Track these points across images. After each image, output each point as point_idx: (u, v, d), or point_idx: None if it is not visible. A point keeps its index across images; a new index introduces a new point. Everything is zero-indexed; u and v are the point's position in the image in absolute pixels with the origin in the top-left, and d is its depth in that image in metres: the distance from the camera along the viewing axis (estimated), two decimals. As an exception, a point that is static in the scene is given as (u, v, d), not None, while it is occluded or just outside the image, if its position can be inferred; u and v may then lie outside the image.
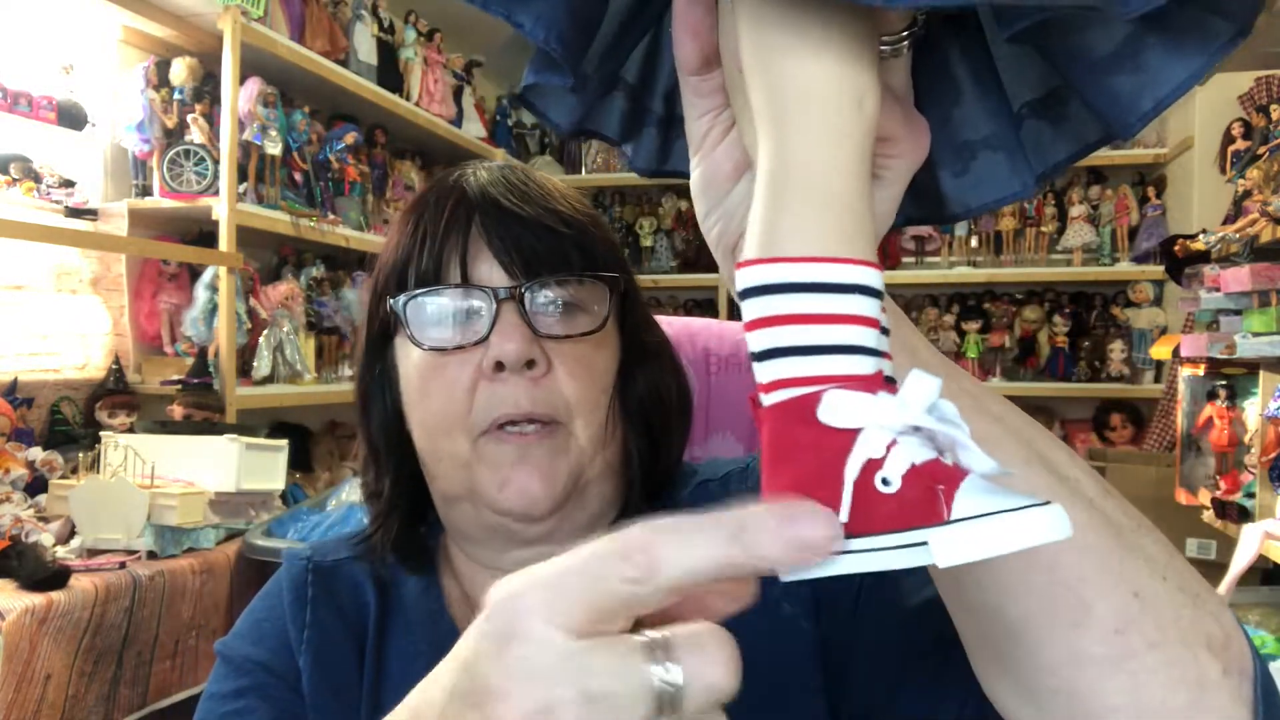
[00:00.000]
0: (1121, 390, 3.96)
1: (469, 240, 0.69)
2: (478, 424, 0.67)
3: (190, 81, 2.54)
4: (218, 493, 2.00)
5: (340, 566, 0.76)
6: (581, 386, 0.68)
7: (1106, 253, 4.13)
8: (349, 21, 3.16)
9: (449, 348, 0.68)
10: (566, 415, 0.68)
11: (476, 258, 0.69)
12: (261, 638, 0.73)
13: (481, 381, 0.67)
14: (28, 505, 1.94)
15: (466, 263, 0.68)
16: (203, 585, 1.87)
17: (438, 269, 0.69)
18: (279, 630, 0.73)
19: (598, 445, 0.69)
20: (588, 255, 0.70)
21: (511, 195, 0.70)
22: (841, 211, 0.35)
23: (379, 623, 0.73)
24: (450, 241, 0.69)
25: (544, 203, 0.70)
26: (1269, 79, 2.64)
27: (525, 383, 0.66)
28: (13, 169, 2.24)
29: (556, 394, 0.67)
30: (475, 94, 4.13)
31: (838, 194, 0.35)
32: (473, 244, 0.69)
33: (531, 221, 0.69)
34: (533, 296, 0.68)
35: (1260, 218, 2.00)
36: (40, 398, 2.31)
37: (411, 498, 0.75)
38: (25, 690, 1.50)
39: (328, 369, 3.04)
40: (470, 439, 0.67)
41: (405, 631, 0.72)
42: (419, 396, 0.70)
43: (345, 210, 3.14)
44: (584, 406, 0.68)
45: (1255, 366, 2.05)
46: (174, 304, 2.59)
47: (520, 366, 0.66)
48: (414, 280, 0.69)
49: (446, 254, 0.69)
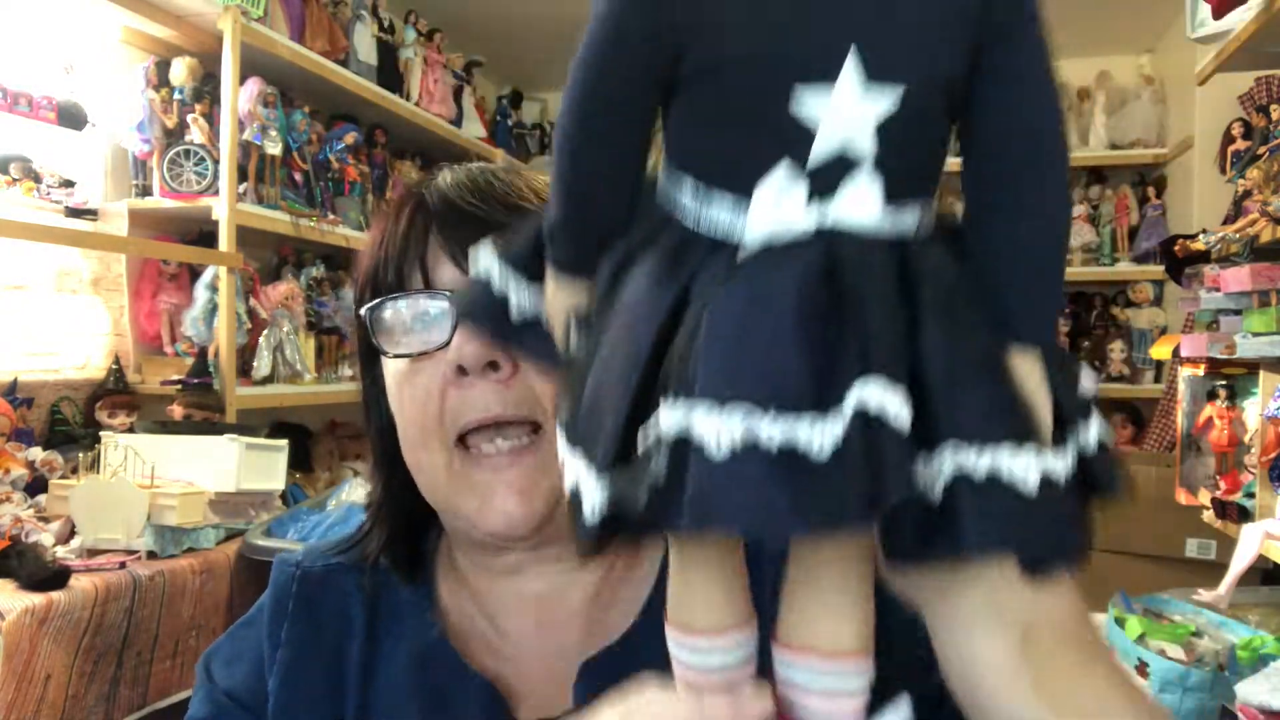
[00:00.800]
0: (1121, 390, 3.96)
1: (427, 246, 0.69)
2: (450, 431, 0.67)
3: (190, 81, 2.54)
4: (218, 493, 2.00)
5: (329, 575, 0.76)
6: None
7: (1106, 253, 4.13)
8: (349, 21, 3.16)
9: (413, 354, 0.68)
10: (543, 415, 0.67)
11: (436, 263, 0.69)
12: (238, 656, 0.74)
13: (450, 388, 0.67)
14: (28, 505, 1.94)
15: (426, 268, 0.69)
16: (203, 585, 1.87)
17: (399, 277, 0.69)
18: (254, 648, 0.74)
19: None
20: None
21: (472, 196, 0.70)
22: None
23: (366, 632, 0.73)
24: (410, 248, 0.69)
25: (506, 200, 0.70)
26: (1269, 79, 2.64)
27: (493, 385, 0.66)
28: (13, 169, 2.24)
29: (528, 393, 0.66)
30: (475, 94, 4.13)
31: None
32: (430, 250, 0.69)
33: (493, 222, 0.68)
34: None
35: (1260, 218, 2.00)
36: (40, 398, 2.31)
37: (406, 505, 0.75)
38: (25, 690, 1.50)
39: (328, 369, 3.04)
40: (446, 449, 0.67)
41: (393, 640, 0.72)
42: (398, 406, 0.70)
43: (345, 210, 3.14)
44: None
45: (1255, 366, 2.05)
46: (174, 304, 2.59)
47: (482, 368, 0.65)
48: (376, 289, 0.70)
49: (407, 261, 0.69)
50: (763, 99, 0.40)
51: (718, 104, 0.41)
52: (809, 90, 0.39)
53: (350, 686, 0.71)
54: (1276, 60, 2.23)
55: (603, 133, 0.43)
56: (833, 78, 0.39)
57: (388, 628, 0.73)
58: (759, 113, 0.40)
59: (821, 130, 0.40)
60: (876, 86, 0.40)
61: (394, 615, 0.74)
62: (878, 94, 0.40)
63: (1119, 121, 4.11)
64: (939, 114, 0.42)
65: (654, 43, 0.41)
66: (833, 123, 0.40)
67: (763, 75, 0.40)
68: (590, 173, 0.44)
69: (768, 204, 0.40)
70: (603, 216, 0.44)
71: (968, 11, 0.41)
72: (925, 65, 0.41)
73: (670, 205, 0.44)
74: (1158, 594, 2.14)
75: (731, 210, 0.41)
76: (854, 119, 0.40)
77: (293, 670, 0.72)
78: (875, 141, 0.40)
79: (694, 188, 0.42)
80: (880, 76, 0.40)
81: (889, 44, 0.40)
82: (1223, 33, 2.22)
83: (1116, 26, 3.98)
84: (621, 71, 0.42)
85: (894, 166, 0.41)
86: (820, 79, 0.39)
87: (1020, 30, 0.43)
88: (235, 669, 0.74)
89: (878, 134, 0.40)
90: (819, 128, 0.40)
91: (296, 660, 0.72)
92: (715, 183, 0.42)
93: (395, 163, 3.57)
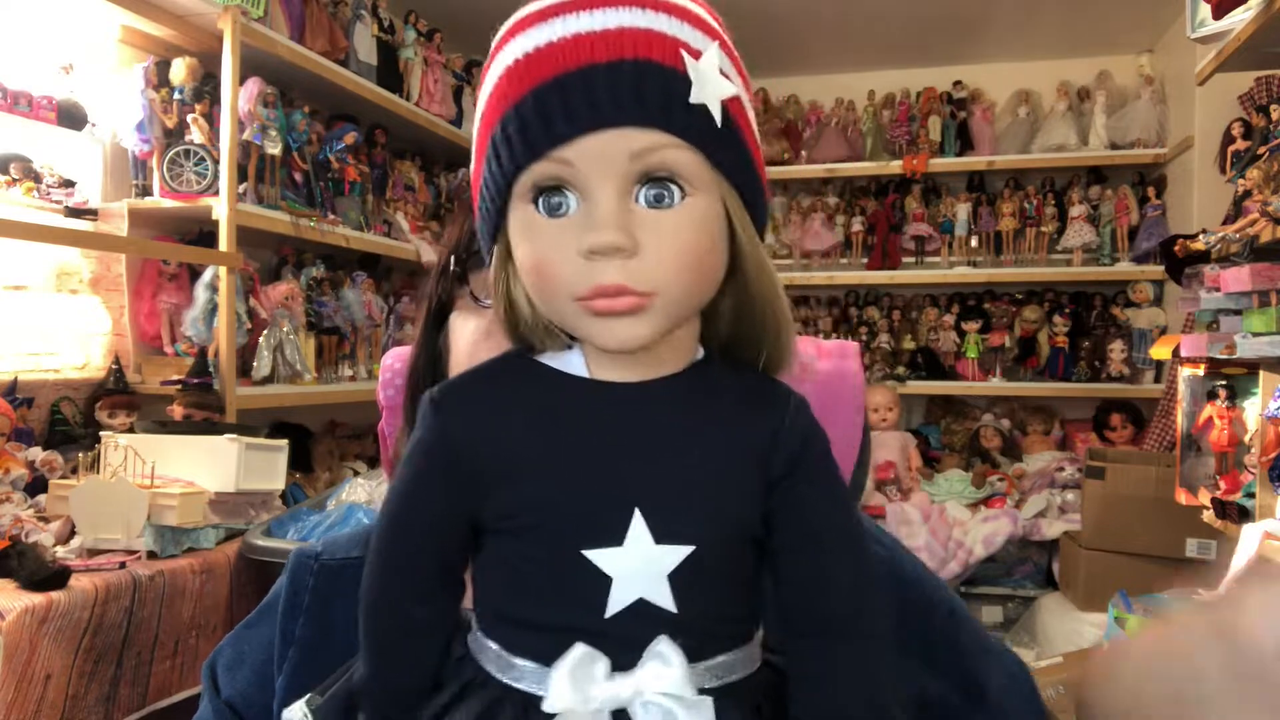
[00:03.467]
0: (1121, 390, 3.96)
1: None
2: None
3: (190, 81, 2.54)
4: (218, 493, 2.00)
5: (346, 569, 0.76)
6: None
7: (1106, 253, 4.13)
8: (349, 21, 3.16)
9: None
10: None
11: None
12: (240, 661, 0.74)
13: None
14: (28, 505, 1.94)
15: None
16: (203, 585, 1.87)
17: None
18: (258, 650, 0.74)
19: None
20: None
21: None
22: None
23: None
24: None
25: None
26: (1269, 79, 2.64)
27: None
28: (13, 169, 2.24)
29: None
30: (475, 94, 4.12)
31: None
32: None
33: None
34: None
35: (1260, 218, 2.00)
36: (40, 398, 2.31)
37: None
38: (25, 690, 1.50)
39: (328, 369, 3.04)
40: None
41: None
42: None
43: (345, 210, 3.14)
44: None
45: (1255, 366, 2.05)
46: (174, 304, 2.59)
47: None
48: None
49: None
50: (555, 561, 0.42)
51: (515, 561, 0.43)
52: (597, 554, 0.41)
53: None
54: (1276, 60, 2.23)
55: (413, 576, 0.45)
56: (620, 539, 0.41)
57: None
58: (553, 573, 0.42)
59: (614, 591, 0.41)
60: (665, 547, 0.41)
61: None
62: (667, 552, 0.41)
63: (1119, 121, 4.11)
64: (739, 555, 0.44)
65: (449, 497, 0.43)
66: (624, 583, 0.41)
67: (552, 538, 0.42)
68: (395, 627, 0.45)
69: (564, 686, 0.41)
70: (408, 674, 0.45)
71: (755, 463, 0.43)
72: (714, 519, 0.43)
73: (479, 663, 0.44)
74: (1158, 594, 2.14)
75: (535, 679, 0.42)
76: (646, 577, 0.41)
77: (300, 672, 0.72)
78: (673, 598, 0.41)
79: (498, 655, 0.43)
80: (668, 538, 0.41)
81: (674, 505, 0.42)
82: (1223, 33, 2.22)
83: (1116, 26, 3.98)
84: (420, 522, 0.44)
85: (697, 620, 0.42)
86: (608, 543, 0.41)
87: (814, 466, 0.45)
88: (238, 674, 0.74)
89: (674, 589, 0.41)
90: (611, 588, 0.41)
91: (304, 664, 0.72)
92: (518, 651, 0.43)
93: (395, 163, 3.56)
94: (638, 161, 0.41)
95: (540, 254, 0.43)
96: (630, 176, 0.41)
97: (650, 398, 0.44)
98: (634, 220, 0.41)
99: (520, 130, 0.42)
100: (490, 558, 0.44)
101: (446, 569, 0.45)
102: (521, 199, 0.43)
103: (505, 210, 0.44)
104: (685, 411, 0.44)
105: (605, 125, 0.40)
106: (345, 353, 3.15)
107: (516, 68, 0.42)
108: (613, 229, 0.41)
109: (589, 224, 0.41)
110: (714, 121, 0.42)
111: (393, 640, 0.45)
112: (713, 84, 0.41)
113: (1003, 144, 4.29)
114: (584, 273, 0.42)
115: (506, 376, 0.46)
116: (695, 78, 0.41)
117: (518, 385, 0.45)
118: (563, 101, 0.41)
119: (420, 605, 0.45)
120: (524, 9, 0.44)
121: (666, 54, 0.41)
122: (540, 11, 0.43)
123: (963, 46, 4.28)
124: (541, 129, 0.41)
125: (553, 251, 0.42)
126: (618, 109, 0.40)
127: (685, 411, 0.44)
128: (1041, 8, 3.84)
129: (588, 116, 0.40)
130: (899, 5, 3.83)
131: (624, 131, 0.41)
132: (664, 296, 0.42)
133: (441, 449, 0.44)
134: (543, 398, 0.44)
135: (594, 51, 0.40)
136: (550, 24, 0.42)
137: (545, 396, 0.44)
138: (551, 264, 0.42)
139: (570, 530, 0.42)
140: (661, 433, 0.43)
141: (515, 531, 0.43)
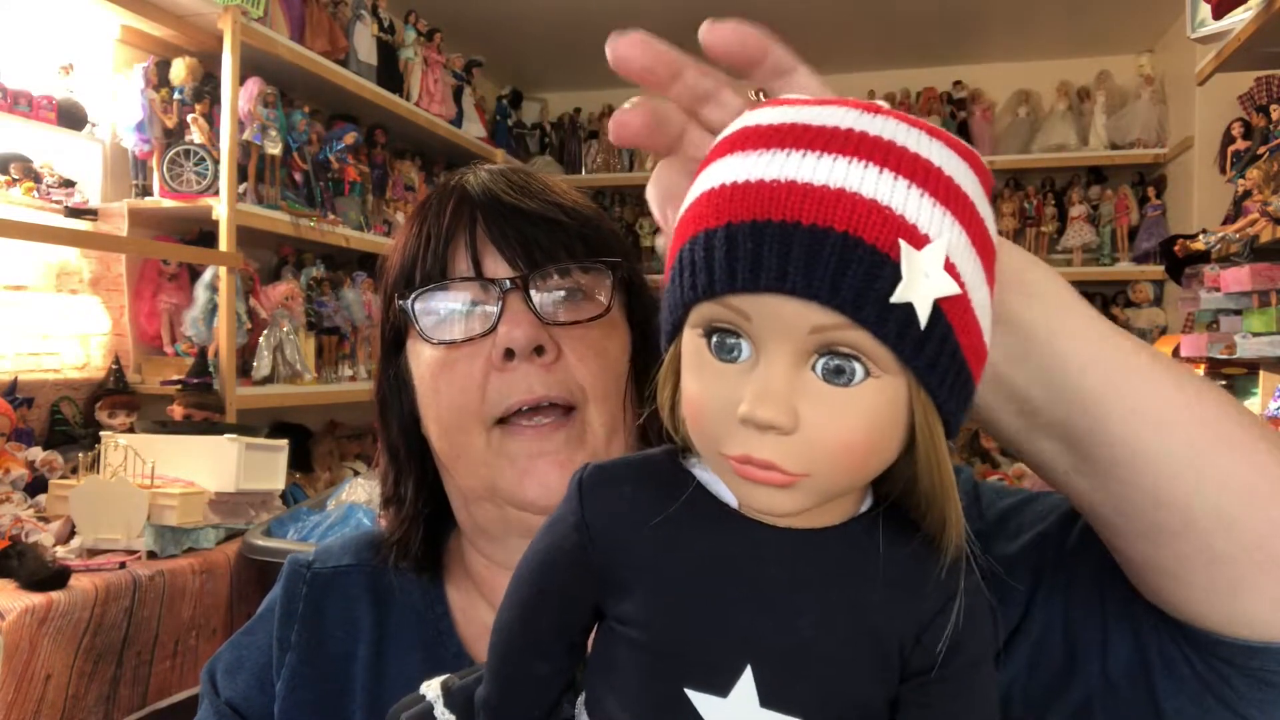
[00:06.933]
0: (1121, 390, 3.95)
1: (474, 236, 0.70)
2: (491, 414, 0.67)
3: (190, 81, 2.54)
4: (218, 493, 2.00)
5: (338, 576, 0.76)
6: (593, 372, 0.69)
7: (1106, 253, 4.13)
8: (349, 21, 3.16)
9: (459, 340, 0.68)
10: (581, 399, 0.68)
11: (481, 252, 0.69)
12: (240, 665, 0.75)
13: (493, 373, 0.67)
14: (28, 505, 1.94)
15: (471, 258, 0.69)
16: (203, 585, 1.87)
17: (443, 266, 0.70)
18: (257, 655, 0.74)
19: (612, 432, 0.70)
20: (590, 244, 0.71)
21: (512, 190, 0.71)
22: None
23: (375, 633, 0.73)
24: (455, 238, 0.70)
25: (545, 196, 0.71)
26: (1269, 79, 2.64)
27: (536, 369, 0.67)
28: (13, 169, 2.24)
29: (569, 378, 0.68)
30: (475, 94, 4.13)
31: None
32: (477, 239, 0.69)
33: (533, 214, 0.70)
34: (538, 285, 0.69)
35: (1260, 218, 2.00)
36: (40, 398, 2.31)
37: (428, 503, 0.75)
38: (25, 690, 1.50)
39: (328, 369, 3.04)
40: (485, 430, 0.68)
41: (404, 641, 0.73)
42: (433, 394, 0.70)
43: (345, 210, 3.14)
44: (597, 391, 0.69)
45: (1255, 366, 2.05)
46: (174, 304, 2.59)
47: (529, 353, 0.67)
48: (420, 279, 0.70)
49: (452, 250, 0.70)
50: (656, 685, 0.40)
51: (622, 663, 0.42)
52: (699, 697, 0.39)
53: (358, 689, 0.71)
54: (1276, 60, 2.23)
55: (536, 635, 0.45)
56: (725, 691, 0.39)
57: (398, 629, 0.73)
58: (653, 695, 0.41)
59: None
60: (770, 713, 0.39)
61: (405, 616, 0.74)
62: (772, 718, 0.39)
63: (1119, 121, 4.11)
64: None
65: (576, 579, 0.43)
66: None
67: (658, 661, 0.41)
68: (516, 671, 0.45)
69: None
70: (522, 710, 0.45)
71: (890, 652, 0.40)
72: (831, 699, 0.40)
73: None
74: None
75: None
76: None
77: (298, 677, 0.72)
78: None
79: None
80: (775, 704, 0.39)
81: (791, 672, 0.39)
82: (1223, 33, 2.23)
83: (1116, 26, 3.98)
84: (548, 585, 0.44)
85: None
86: (711, 690, 0.39)
87: (958, 675, 0.41)
88: (237, 678, 0.74)
89: None
90: None
91: (301, 669, 0.73)
92: None
93: (395, 163, 3.57)
94: (819, 335, 0.37)
95: (701, 398, 0.39)
96: (809, 346, 0.37)
97: (795, 550, 0.40)
98: (803, 390, 0.37)
99: (705, 263, 0.38)
100: (605, 640, 0.44)
101: (563, 631, 0.44)
102: (696, 326, 0.40)
103: (684, 322, 0.41)
104: (830, 574, 0.41)
105: (790, 294, 0.36)
106: (345, 353, 3.15)
107: (721, 192, 0.38)
108: (772, 404, 0.36)
109: (754, 382, 0.37)
110: (916, 322, 0.36)
111: (512, 682, 0.45)
112: (925, 285, 0.36)
113: (1003, 144, 4.29)
114: (737, 436, 0.38)
115: (654, 480, 0.43)
116: (907, 272, 0.35)
117: (663, 494, 0.42)
118: (753, 253, 0.36)
119: (540, 661, 0.45)
120: (756, 115, 0.40)
121: (881, 237, 0.35)
122: (764, 132, 0.38)
123: (963, 46, 4.28)
124: (725, 272, 0.37)
125: (712, 400, 0.39)
126: (807, 284, 0.35)
127: (830, 574, 0.41)
128: (1041, 8, 3.84)
129: (774, 280, 0.36)
130: (899, 5, 3.83)
131: (810, 305, 0.36)
132: (816, 479, 0.38)
133: (577, 535, 0.43)
134: (684, 515, 0.41)
135: (802, 209, 0.36)
136: (769, 156, 0.37)
137: (687, 515, 0.41)
138: (707, 414, 0.39)
139: (678, 663, 0.40)
140: (798, 591, 0.40)
141: (627, 639, 0.42)
